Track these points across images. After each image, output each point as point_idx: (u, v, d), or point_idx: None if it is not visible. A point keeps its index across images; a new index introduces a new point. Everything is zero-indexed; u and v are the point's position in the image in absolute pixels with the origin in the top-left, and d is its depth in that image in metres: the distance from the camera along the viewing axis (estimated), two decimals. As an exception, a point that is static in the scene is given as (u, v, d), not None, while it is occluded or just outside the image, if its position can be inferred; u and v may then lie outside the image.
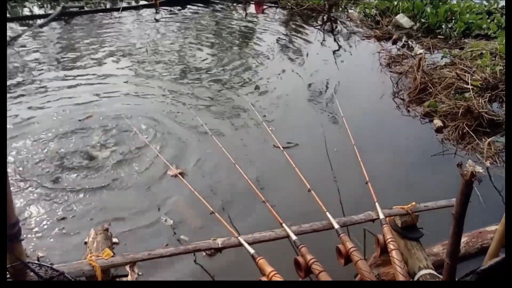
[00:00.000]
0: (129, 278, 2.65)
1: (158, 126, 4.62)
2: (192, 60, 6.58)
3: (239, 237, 2.40)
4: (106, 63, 6.36)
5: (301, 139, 4.48)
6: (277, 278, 2.11)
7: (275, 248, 2.59)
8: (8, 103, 4.87)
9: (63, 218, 3.36)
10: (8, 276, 1.88)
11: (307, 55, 7.05)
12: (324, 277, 2.15)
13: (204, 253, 2.94)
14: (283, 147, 3.37)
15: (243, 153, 4.22)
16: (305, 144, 4.44)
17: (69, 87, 5.53)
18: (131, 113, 4.84)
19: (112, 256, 2.27)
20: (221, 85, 5.74)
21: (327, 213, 2.56)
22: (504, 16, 7.45)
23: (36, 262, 2.09)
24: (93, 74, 5.93)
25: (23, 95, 5.26)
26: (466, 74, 5.38)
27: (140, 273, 2.80)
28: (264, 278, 2.16)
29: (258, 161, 4.11)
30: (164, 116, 4.84)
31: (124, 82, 5.74)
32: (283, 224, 2.50)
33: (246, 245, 2.35)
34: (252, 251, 2.31)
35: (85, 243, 2.94)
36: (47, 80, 5.73)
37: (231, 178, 3.73)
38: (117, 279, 2.33)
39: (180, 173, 3.79)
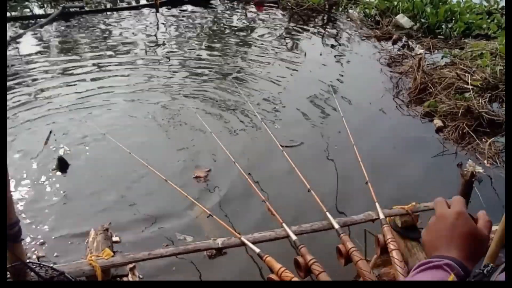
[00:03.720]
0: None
1: (156, 127, 4.62)
2: (193, 60, 6.57)
3: (241, 237, 2.39)
4: (106, 63, 6.35)
5: (301, 139, 4.48)
6: (287, 274, 2.12)
7: (275, 248, 2.59)
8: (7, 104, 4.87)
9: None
10: (8, 276, 1.88)
11: (305, 55, 7.05)
12: (324, 277, 2.15)
13: (205, 253, 2.94)
14: (285, 146, 3.37)
15: (243, 152, 4.22)
16: (305, 144, 4.44)
17: (70, 88, 5.52)
18: (129, 114, 4.85)
19: (112, 256, 2.27)
20: (221, 85, 5.73)
21: (327, 213, 2.56)
22: (504, 16, 7.45)
23: (37, 262, 2.09)
24: (94, 74, 5.93)
25: (22, 95, 5.26)
26: (466, 74, 5.38)
27: (141, 276, 2.79)
28: (273, 276, 2.16)
29: (258, 161, 4.11)
30: (163, 116, 4.84)
31: (124, 82, 5.73)
32: (283, 224, 2.49)
33: (250, 244, 2.34)
34: (257, 250, 2.30)
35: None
36: (47, 81, 5.72)
37: (231, 178, 3.73)
38: (118, 279, 2.33)
39: (198, 176, 3.78)
